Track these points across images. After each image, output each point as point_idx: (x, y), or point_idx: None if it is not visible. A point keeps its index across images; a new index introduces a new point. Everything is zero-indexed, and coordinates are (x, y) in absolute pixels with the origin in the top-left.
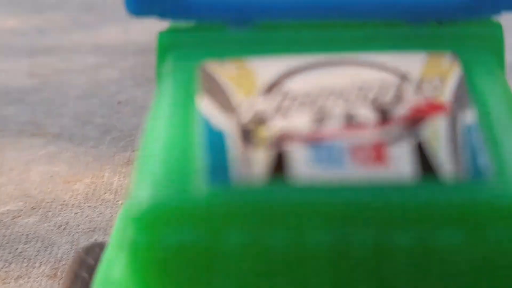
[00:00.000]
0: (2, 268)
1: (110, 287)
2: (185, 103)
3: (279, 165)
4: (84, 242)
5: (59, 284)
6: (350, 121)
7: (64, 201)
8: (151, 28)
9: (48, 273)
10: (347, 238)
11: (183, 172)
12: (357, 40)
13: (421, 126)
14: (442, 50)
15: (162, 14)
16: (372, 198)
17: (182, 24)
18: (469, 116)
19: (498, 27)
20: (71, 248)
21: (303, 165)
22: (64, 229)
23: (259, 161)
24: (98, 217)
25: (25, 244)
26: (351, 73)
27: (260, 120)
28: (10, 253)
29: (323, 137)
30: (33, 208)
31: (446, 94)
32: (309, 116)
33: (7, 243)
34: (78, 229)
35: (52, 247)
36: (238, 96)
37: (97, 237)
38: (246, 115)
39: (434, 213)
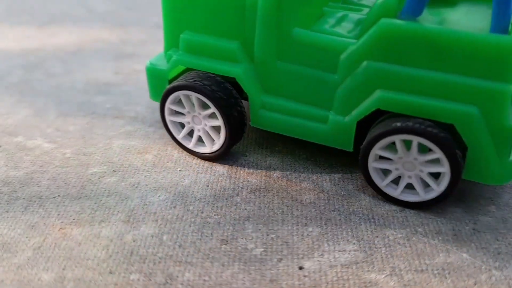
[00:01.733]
0: (89, 214)
1: None
2: None
3: None
4: (151, 197)
5: (131, 227)
6: None
7: (137, 166)
8: None
9: (123, 219)
10: None
11: None
12: None
13: None
14: None
15: None
16: None
17: None
18: None
19: None
20: (141, 201)
21: None
22: (136, 187)
23: None
24: (161, 179)
25: (107, 197)
26: None
27: None
28: (96, 203)
29: None
30: (114, 171)
31: None
32: None
33: (94, 196)
34: (147, 187)
35: (127, 200)
36: None
37: (160, 194)
38: None
39: None
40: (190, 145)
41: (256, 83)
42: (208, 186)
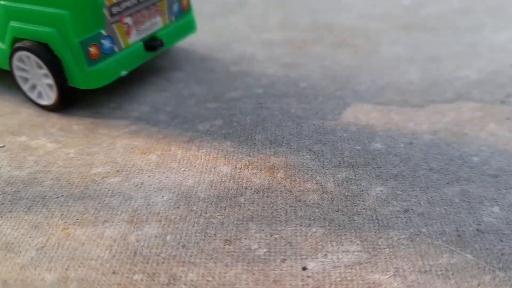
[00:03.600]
0: (93, 214)
1: None
2: None
3: None
4: (154, 198)
5: (135, 228)
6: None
7: (141, 166)
8: (209, 43)
9: (127, 219)
10: None
11: None
12: None
13: None
14: None
15: None
16: None
17: None
18: None
19: None
20: (145, 201)
21: None
22: (140, 187)
23: None
24: (165, 179)
25: (110, 197)
26: None
27: None
28: (99, 203)
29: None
30: (117, 171)
31: None
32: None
33: (98, 196)
34: (150, 187)
35: (130, 200)
36: None
37: (164, 194)
38: None
39: None
40: None
41: None
42: (211, 186)
